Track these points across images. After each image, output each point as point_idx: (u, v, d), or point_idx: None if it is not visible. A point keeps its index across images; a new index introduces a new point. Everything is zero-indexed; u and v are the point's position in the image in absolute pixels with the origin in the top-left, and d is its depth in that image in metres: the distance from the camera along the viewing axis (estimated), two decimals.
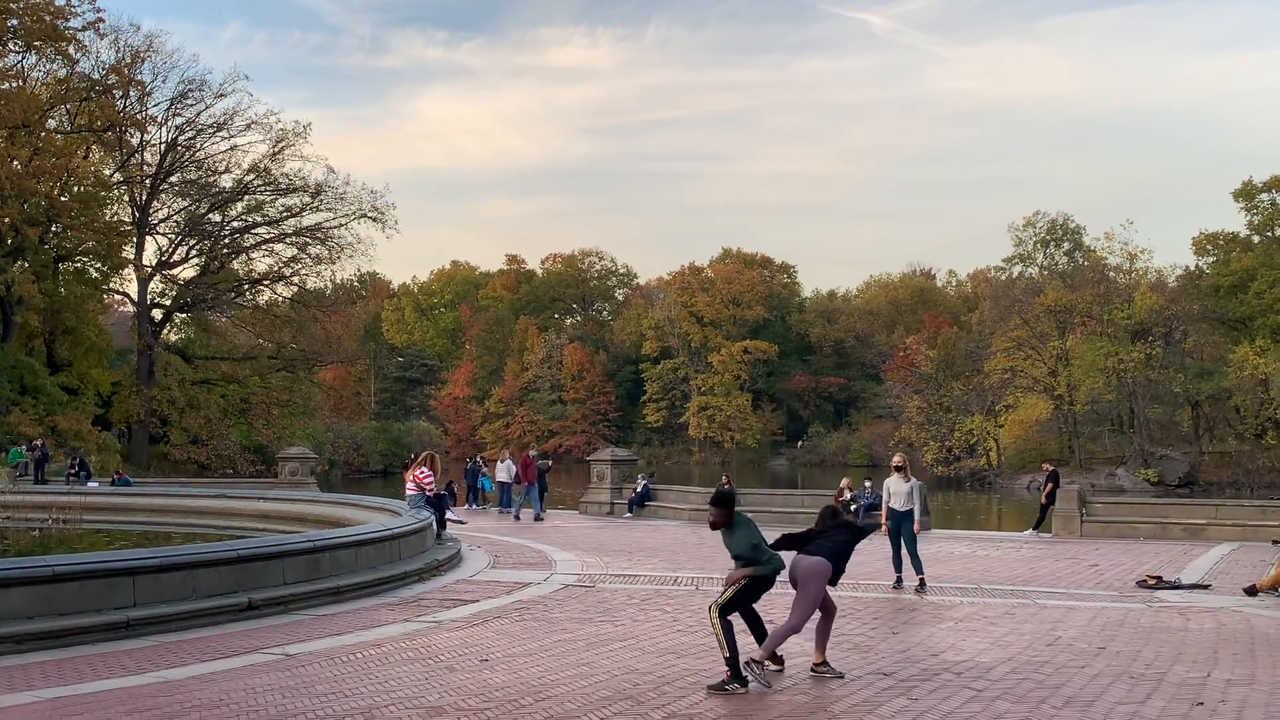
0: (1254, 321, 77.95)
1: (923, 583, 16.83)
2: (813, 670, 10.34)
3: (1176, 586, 17.27)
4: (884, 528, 17.57)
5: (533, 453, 35.87)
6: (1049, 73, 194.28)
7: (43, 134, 60.06)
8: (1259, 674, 10.65)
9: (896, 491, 17.33)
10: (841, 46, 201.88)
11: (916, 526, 17.15)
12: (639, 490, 34.42)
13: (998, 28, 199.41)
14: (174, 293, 71.24)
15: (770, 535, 10.77)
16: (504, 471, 36.46)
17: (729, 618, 10.11)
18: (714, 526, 10.45)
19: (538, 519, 32.06)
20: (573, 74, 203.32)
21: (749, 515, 10.84)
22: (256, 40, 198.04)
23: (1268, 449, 71.48)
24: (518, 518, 32.32)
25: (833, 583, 10.64)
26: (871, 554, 21.17)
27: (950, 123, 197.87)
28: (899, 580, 17.07)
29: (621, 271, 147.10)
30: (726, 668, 9.85)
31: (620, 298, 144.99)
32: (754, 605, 10.55)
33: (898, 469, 17.62)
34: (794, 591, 10.60)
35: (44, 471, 39.92)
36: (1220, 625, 13.73)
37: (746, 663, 9.99)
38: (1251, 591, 16.34)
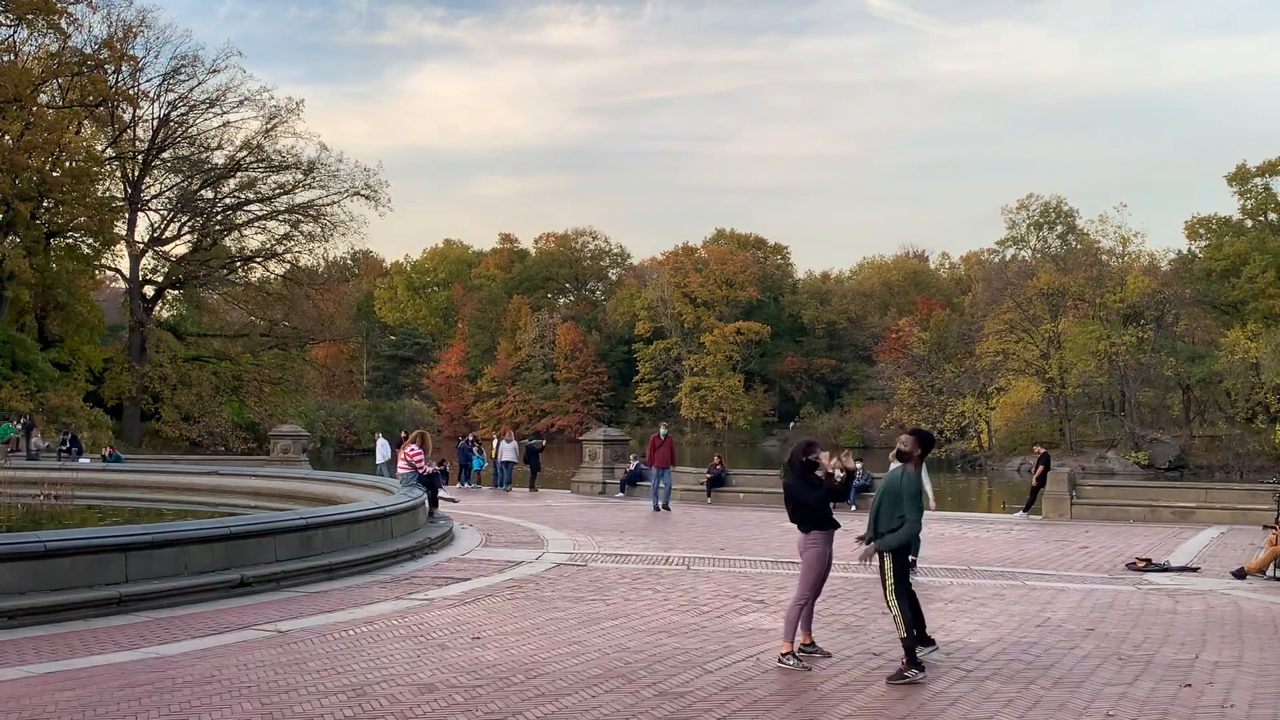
0: (1245, 306, 78.13)
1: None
2: (800, 650, 10.37)
3: (1165, 569, 17.35)
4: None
5: (663, 431, 30.03)
6: (1046, 55, 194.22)
7: (34, 108, 59.64)
8: (1246, 656, 10.72)
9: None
10: (839, 26, 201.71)
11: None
12: (631, 470, 34.45)
13: (996, 9, 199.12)
14: (166, 269, 70.98)
15: (768, 519, 10.78)
16: (509, 451, 37.15)
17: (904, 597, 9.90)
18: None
19: (663, 508, 27.75)
20: (570, 52, 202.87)
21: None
22: (252, 16, 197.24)
23: (1258, 433, 71.72)
24: (666, 507, 27.84)
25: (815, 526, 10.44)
26: None
27: (946, 104, 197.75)
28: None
29: (615, 251, 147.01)
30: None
31: (613, 278, 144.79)
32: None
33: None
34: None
35: (32, 445, 39.78)
36: (1209, 608, 13.80)
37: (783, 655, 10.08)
38: (1240, 574, 16.43)
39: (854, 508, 28.02)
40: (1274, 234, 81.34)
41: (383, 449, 37.54)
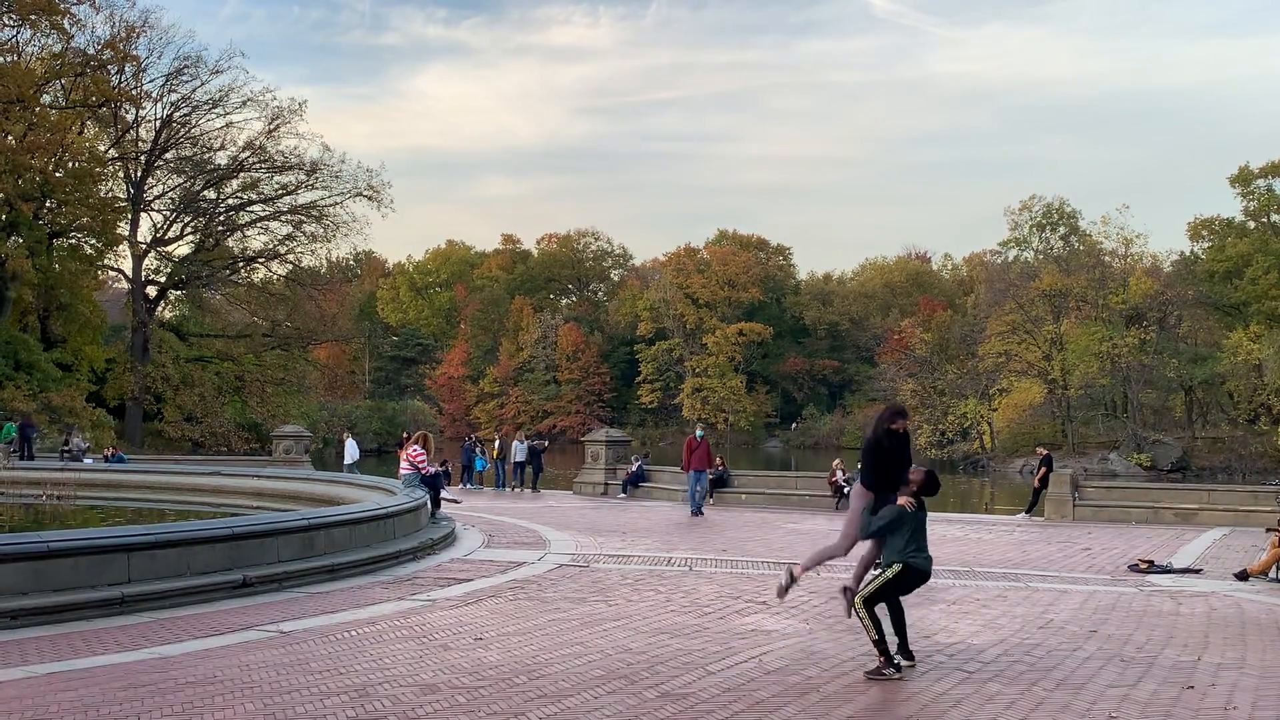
0: (1248, 307, 78.11)
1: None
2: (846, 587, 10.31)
3: (1168, 571, 17.33)
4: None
5: (699, 433, 28.51)
6: (1049, 56, 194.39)
7: (37, 109, 59.65)
8: (1249, 658, 10.70)
9: None
10: (842, 28, 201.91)
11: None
12: (633, 471, 34.48)
13: (998, 10, 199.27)
14: (168, 270, 71.01)
15: (770, 520, 10.78)
16: (522, 452, 37.70)
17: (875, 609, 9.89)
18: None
19: (695, 512, 26.67)
20: (573, 53, 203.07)
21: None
22: (256, 16, 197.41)
23: (1260, 434, 71.69)
24: (696, 511, 26.77)
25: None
26: None
27: (949, 105, 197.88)
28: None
29: (617, 252, 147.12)
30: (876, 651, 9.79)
31: (616, 279, 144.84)
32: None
33: None
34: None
35: (32, 447, 39.74)
36: (1211, 610, 13.79)
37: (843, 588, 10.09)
38: (1243, 576, 16.42)
39: None
40: (1277, 235, 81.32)
41: (351, 450, 38.40)
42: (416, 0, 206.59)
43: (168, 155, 70.01)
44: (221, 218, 72.49)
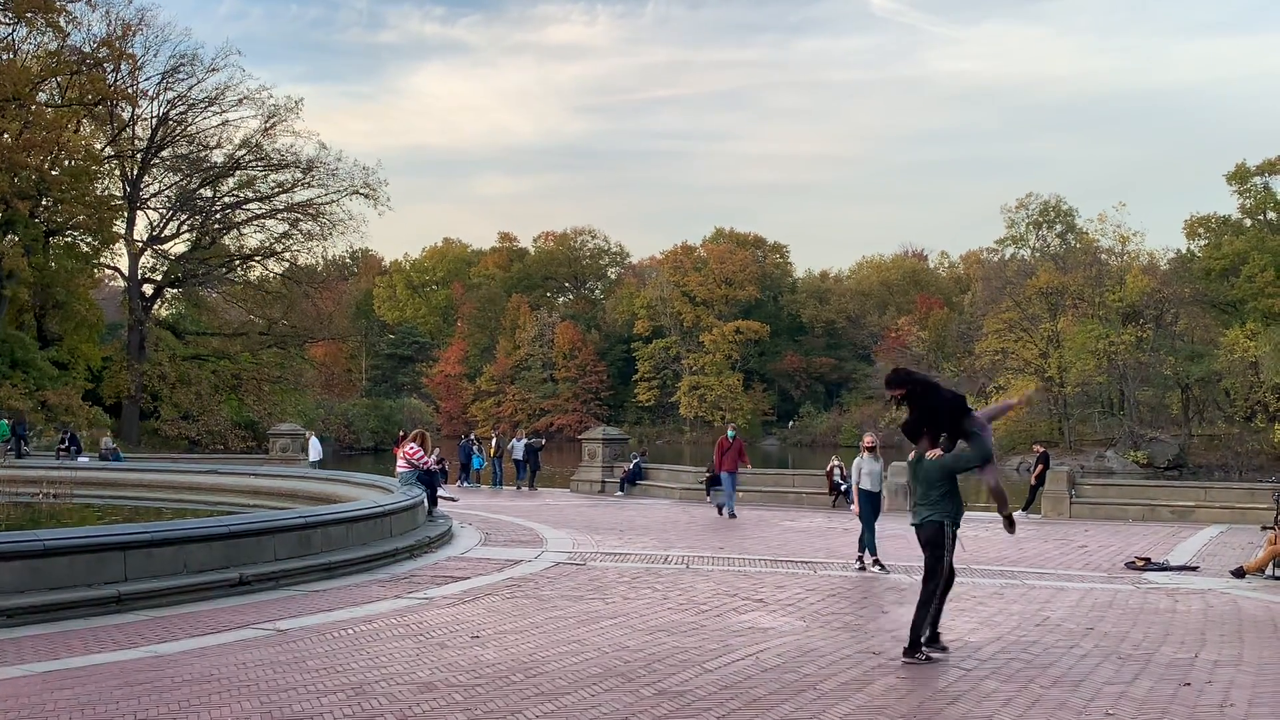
0: (1245, 305, 78.16)
1: (876, 562, 16.89)
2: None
3: (1165, 568, 17.35)
4: (854, 509, 17.89)
5: (730, 433, 27.61)
6: (1047, 54, 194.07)
7: (33, 107, 59.61)
8: (1246, 655, 10.72)
9: (870, 471, 17.47)
10: (840, 26, 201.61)
11: (887, 505, 17.28)
12: (630, 469, 34.48)
13: (997, 9, 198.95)
14: (165, 268, 71.04)
15: (767, 518, 10.76)
16: (518, 450, 37.92)
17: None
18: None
19: (730, 515, 25.81)
20: (571, 51, 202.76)
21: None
22: (253, 14, 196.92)
23: (1257, 432, 71.75)
24: (733, 514, 25.83)
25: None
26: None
27: (947, 104, 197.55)
28: (875, 561, 17.03)
29: (614, 250, 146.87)
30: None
31: (613, 277, 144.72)
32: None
33: (869, 449, 17.80)
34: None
35: (25, 445, 39.66)
36: (1208, 607, 13.81)
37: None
38: (1239, 573, 16.44)
39: (853, 506, 27.93)
40: (1273, 233, 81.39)
41: (314, 449, 38.75)
42: None
43: (164, 153, 70.05)
44: (218, 216, 72.53)
